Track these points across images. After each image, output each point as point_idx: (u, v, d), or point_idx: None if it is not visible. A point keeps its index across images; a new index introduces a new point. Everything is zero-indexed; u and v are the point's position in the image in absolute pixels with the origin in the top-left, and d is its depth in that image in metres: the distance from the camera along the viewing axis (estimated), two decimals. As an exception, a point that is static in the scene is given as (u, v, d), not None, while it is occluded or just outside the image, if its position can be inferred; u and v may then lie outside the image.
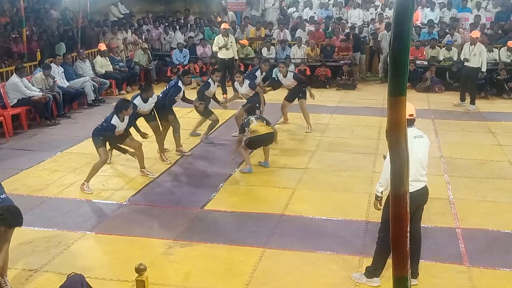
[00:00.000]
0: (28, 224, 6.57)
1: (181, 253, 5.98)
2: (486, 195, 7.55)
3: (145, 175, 8.32)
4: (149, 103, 8.70)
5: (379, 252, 5.25)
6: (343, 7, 18.70)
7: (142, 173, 8.36)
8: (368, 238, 6.13)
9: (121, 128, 7.82)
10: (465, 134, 10.60)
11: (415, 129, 5.07)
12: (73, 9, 16.54)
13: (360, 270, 5.48)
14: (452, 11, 17.57)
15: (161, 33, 17.72)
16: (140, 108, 8.58)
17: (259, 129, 8.51)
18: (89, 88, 13.09)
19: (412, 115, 5.07)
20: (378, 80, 16.17)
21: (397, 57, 2.44)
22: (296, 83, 10.71)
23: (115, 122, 7.68)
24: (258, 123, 8.56)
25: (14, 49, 13.42)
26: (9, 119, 10.57)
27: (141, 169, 8.36)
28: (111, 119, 7.69)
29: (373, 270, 5.29)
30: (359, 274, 5.39)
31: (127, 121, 7.90)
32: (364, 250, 5.87)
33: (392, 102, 2.50)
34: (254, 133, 8.53)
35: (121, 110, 7.72)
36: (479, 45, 12.62)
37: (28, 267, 5.66)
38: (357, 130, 10.84)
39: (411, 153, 4.85)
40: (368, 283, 5.29)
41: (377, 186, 5.15)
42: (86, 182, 7.78)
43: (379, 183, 5.11)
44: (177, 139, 9.29)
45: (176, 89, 9.12)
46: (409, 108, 5.08)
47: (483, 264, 5.67)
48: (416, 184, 4.81)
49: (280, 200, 7.38)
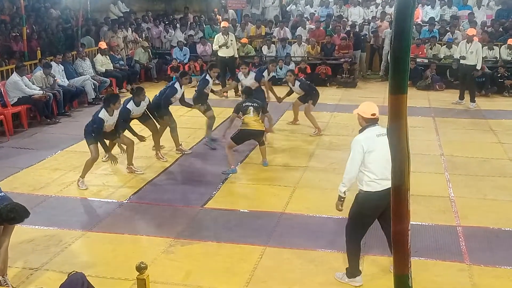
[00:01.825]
0: (28, 222, 6.53)
1: (181, 252, 5.98)
2: (486, 193, 7.55)
3: (132, 171, 8.34)
4: (141, 107, 8.63)
5: (349, 251, 5.26)
6: (344, 5, 18.69)
7: (129, 169, 8.38)
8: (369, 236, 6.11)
9: (110, 123, 7.87)
10: (465, 132, 10.60)
11: (378, 128, 5.05)
12: (73, 7, 16.53)
13: (360, 268, 5.47)
14: (452, 8, 17.58)
15: (161, 31, 17.72)
16: (133, 112, 8.55)
17: (251, 123, 8.36)
18: (90, 86, 13.09)
19: (375, 114, 5.08)
20: (378, 78, 16.17)
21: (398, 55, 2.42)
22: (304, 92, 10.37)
23: (102, 115, 7.72)
24: (253, 116, 8.40)
25: (15, 47, 13.40)
26: (9, 118, 10.57)
27: (128, 165, 8.38)
28: (99, 113, 7.77)
29: (351, 270, 5.28)
30: (341, 274, 5.37)
31: (116, 116, 7.94)
32: (364, 249, 5.85)
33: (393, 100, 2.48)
34: (246, 125, 8.38)
35: (109, 104, 7.77)
36: (475, 43, 12.61)
37: (29, 266, 5.66)
38: (357, 128, 10.74)
39: (375, 151, 4.91)
40: (351, 282, 5.28)
41: (340, 186, 5.13)
42: (81, 178, 7.83)
43: (343, 183, 5.09)
44: (176, 139, 9.26)
45: (172, 90, 9.04)
46: (372, 108, 5.12)
47: (483, 262, 5.66)
48: (384, 183, 4.80)
49: (281, 199, 7.37)
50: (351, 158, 4.99)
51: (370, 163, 4.91)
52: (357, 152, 4.94)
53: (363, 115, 5.09)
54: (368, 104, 5.18)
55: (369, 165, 4.92)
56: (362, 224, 5.15)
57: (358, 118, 5.17)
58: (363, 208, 5.06)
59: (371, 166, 4.91)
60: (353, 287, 5.27)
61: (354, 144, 4.99)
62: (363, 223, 5.14)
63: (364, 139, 4.96)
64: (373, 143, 4.93)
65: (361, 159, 4.93)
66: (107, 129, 7.91)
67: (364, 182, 4.98)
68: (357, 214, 5.12)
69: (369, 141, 4.93)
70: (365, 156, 4.92)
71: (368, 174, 4.94)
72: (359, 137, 5.03)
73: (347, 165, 5.03)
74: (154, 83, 15.73)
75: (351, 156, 4.99)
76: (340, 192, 5.14)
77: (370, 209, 5.02)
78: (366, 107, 5.12)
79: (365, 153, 4.91)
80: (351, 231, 5.22)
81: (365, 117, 5.08)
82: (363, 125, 5.13)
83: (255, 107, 8.50)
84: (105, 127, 7.84)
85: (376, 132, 5.00)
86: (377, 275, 5.46)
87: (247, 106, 8.48)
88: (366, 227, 5.18)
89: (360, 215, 5.10)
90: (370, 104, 5.19)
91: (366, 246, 5.83)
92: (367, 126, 5.06)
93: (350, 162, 5.00)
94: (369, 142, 4.93)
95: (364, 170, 4.96)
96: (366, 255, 5.73)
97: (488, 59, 14.73)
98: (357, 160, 4.94)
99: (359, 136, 5.06)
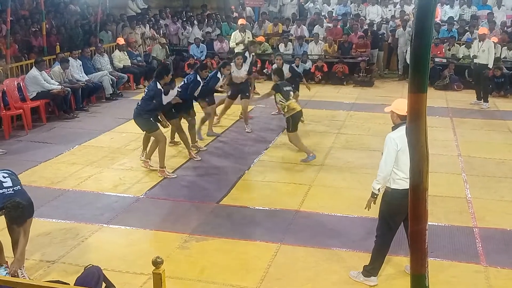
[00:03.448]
0: (46, 216, 6.68)
1: (196, 247, 6.00)
2: (504, 194, 7.47)
3: (147, 166, 8.37)
4: (169, 95, 8.56)
5: (377, 250, 5.22)
6: (362, 4, 18.61)
7: (145, 164, 8.40)
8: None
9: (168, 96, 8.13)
10: (483, 133, 10.49)
11: None
12: (92, 3, 16.66)
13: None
14: (472, 8, 17.40)
15: (179, 28, 17.78)
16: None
17: (296, 106, 8.73)
18: (107, 82, 13.19)
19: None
20: (395, 77, 16.07)
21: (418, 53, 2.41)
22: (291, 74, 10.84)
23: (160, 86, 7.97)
24: (293, 100, 8.82)
25: (34, 42, 13.55)
26: (28, 112, 10.69)
27: (147, 158, 8.40)
28: (155, 86, 7.97)
29: (371, 269, 5.24)
30: (356, 273, 5.34)
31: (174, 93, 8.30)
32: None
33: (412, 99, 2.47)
34: (294, 110, 8.63)
35: (162, 76, 7.99)
36: (487, 41, 12.49)
37: (46, 259, 5.73)
38: (374, 127, 10.77)
39: (404, 151, 4.83)
40: (366, 282, 5.25)
41: (374, 183, 5.09)
42: (162, 169, 8.05)
43: (376, 180, 5.06)
44: (193, 135, 9.30)
45: (196, 84, 9.06)
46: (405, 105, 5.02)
47: (500, 264, 5.61)
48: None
49: (296, 196, 7.37)
50: (385, 156, 4.93)
51: (401, 161, 4.86)
52: (392, 150, 4.88)
53: (398, 112, 5.00)
54: (402, 101, 5.05)
55: (399, 163, 4.87)
56: (392, 223, 5.09)
57: (392, 116, 5.09)
58: (390, 206, 5.02)
59: (401, 164, 4.86)
60: (368, 286, 5.25)
61: (388, 142, 4.93)
62: (393, 221, 5.08)
63: (398, 137, 4.87)
64: (403, 142, 4.87)
65: (395, 156, 4.88)
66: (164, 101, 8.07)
67: (392, 179, 4.95)
68: (386, 213, 5.08)
69: (403, 139, 4.84)
70: (398, 153, 4.86)
71: (397, 172, 4.91)
72: (393, 135, 4.95)
73: (381, 163, 4.98)
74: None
75: (385, 154, 4.94)
76: (374, 189, 5.09)
77: (398, 207, 4.96)
78: (400, 104, 5.00)
79: (398, 151, 4.86)
80: (382, 232, 5.17)
81: (400, 114, 4.97)
82: (396, 123, 5.04)
83: (293, 90, 9.00)
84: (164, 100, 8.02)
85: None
86: (392, 275, 5.43)
87: (288, 91, 8.71)
88: (395, 226, 5.13)
89: (388, 213, 5.07)
90: (404, 101, 5.07)
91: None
92: (400, 124, 4.95)
93: (384, 160, 4.94)
94: (403, 140, 4.83)
95: (394, 168, 4.92)
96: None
97: (507, 59, 14.56)
98: (392, 158, 4.89)
99: (393, 134, 4.97)
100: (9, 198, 4.82)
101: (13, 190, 4.98)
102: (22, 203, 4.81)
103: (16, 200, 4.78)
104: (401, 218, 5.07)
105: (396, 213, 5.04)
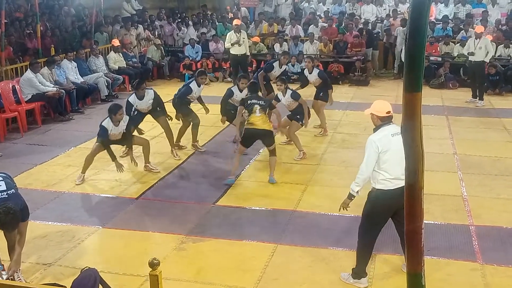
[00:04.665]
0: (42, 218, 6.66)
1: (193, 249, 6.00)
2: (500, 192, 7.48)
3: (149, 170, 8.36)
4: (145, 101, 8.65)
5: (360, 250, 5.21)
6: (356, 3, 18.62)
7: (146, 168, 8.40)
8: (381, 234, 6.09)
9: (114, 132, 7.86)
10: (479, 131, 10.51)
11: (393, 126, 4.96)
12: (87, 5, 16.63)
13: (372, 267, 5.46)
14: (466, 6, 17.44)
15: (174, 29, 17.76)
16: (137, 105, 8.60)
17: (257, 122, 7.71)
18: (103, 83, 13.17)
19: (389, 112, 4.98)
20: (391, 76, 16.09)
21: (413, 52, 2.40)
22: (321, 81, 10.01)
23: (105, 124, 7.79)
24: (260, 115, 7.72)
25: (29, 44, 13.50)
26: (23, 115, 10.66)
27: (145, 163, 8.41)
28: (103, 121, 7.86)
29: (358, 271, 5.22)
30: (347, 274, 5.32)
31: (122, 127, 7.90)
32: (376, 247, 5.82)
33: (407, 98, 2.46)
34: (251, 125, 7.75)
35: (110, 114, 7.79)
36: (484, 39, 12.51)
37: (42, 261, 5.71)
38: (369, 127, 10.70)
39: (390, 151, 4.83)
40: (356, 284, 5.23)
41: (353, 185, 5.05)
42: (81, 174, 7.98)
43: (356, 182, 5.02)
44: (195, 135, 9.31)
45: (187, 90, 9.05)
46: (386, 106, 5.02)
47: (496, 262, 5.62)
48: (396, 182, 4.77)
49: (292, 196, 7.37)
50: (366, 158, 4.91)
51: (384, 163, 4.85)
52: (373, 153, 4.87)
53: (378, 114, 4.98)
54: (382, 102, 5.08)
55: (383, 164, 4.87)
56: (374, 224, 5.09)
57: (372, 118, 5.05)
58: (375, 207, 5.01)
59: (385, 165, 4.85)
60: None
61: (369, 145, 4.91)
62: (376, 222, 5.08)
63: (379, 139, 4.87)
64: (388, 142, 4.84)
65: (376, 159, 4.86)
66: (111, 137, 7.90)
67: (377, 180, 4.94)
68: (369, 213, 5.07)
69: (384, 141, 4.85)
70: (380, 155, 4.86)
71: (382, 173, 4.89)
72: (374, 137, 4.93)
73: (362, 165, 4.96)
74: (166, 81, 15.81)
75: (366, 157, 4.92)
76: (352, 191, 5.07)
77: (382, 208, 4.97)
78: (380, 105, 5.01)
79: (380, 153, 4.85)
80: (364, 231, 5.17)
81: (379, 115, 4.97)
82: (377, 124, 5.01)
83: (262, 105, 7.79)
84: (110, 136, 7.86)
85: (391, 131, 4.90)
86: (389, 274, 5.44)
87: (253, 104, 7.78)
88: (378, 227, 5.12)
89: (372, 214, 5.06)
90: (383, 102, 5.09)
91: (378, 245, 5.79)
92: (381, 125, 4.95)
93: (365, 163, 4.93)
94: (384, 141, 4.85)
95: (378, 169, 4.90)
96: (378, 254, 5.71)
97: (502, 57, 14.60)
98: (372, 161, 4.88)
99: (374, 136, 4.95)
100: (3, 202, 4.75)
101: (7, 194, 4.93)
102: (13, 208, 4.70)
103: (8, 206, 4.68)
104: (385, 219, 5.07)
105: (381, 214, 5.03)
